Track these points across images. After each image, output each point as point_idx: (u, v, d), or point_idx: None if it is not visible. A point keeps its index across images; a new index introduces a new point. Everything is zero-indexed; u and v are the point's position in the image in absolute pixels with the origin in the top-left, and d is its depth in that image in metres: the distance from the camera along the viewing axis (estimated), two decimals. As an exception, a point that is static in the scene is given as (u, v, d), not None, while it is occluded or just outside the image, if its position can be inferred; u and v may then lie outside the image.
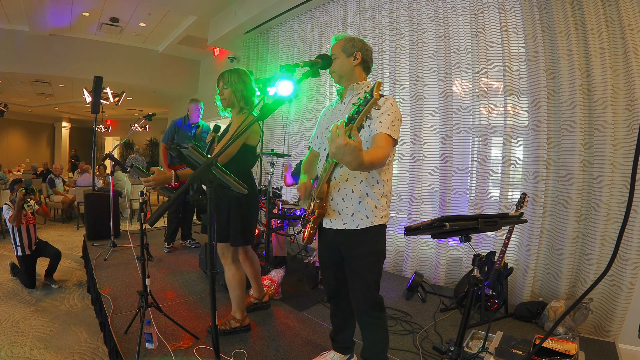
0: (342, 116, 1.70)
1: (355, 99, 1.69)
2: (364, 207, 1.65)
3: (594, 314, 2.46)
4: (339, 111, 1.78)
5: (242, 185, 1.55)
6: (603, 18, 2.51)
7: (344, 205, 1.67)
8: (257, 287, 2.63)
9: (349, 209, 1.66)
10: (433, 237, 1.38)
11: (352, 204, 1.66)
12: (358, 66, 1.74)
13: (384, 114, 1.57)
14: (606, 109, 2.46)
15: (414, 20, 3.57)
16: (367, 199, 1.65)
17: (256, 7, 5.12)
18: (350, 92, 1.75)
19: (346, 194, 1.67)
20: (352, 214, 1.66)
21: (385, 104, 1.59)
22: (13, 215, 3.47)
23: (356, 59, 1.73)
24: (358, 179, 1.66)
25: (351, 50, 1.72)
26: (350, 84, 1.75)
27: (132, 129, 4.57)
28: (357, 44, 1.73)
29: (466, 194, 3.26)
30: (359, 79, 1.76)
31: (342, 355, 1.95)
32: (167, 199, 1.79)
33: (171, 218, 4.22)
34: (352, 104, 1.40)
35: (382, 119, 1.56)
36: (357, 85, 1.74)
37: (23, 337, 2.62)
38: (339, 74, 1.74)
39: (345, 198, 1.67)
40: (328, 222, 1.72)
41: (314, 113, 4.71)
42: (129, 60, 7.80)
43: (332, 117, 1.81)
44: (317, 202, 1.69)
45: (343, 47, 1.72)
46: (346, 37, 1.75)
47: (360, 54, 1.73)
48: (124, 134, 12.63)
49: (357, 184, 1.66)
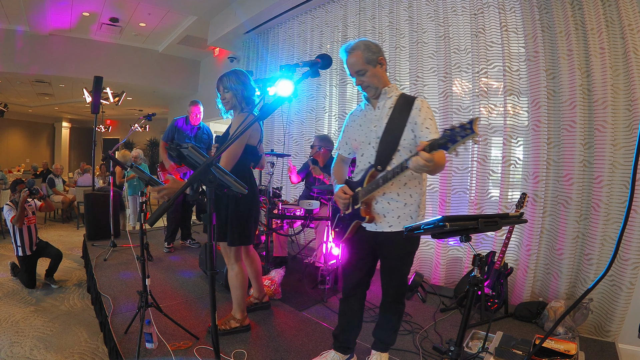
0: (380, 122, 1.72)
1: (389, 102, 1.72)
2: (408, 209, 1.71)
3: (594, 314, 2.46)
4: (374, 117, 1.76)
5: (242, 185, 1.55)
6: (603, 18, 2.51)
7: (389, 208, 1.71)
8: (258, 287, 2.63)
9: (395, 212, 1.71)
10: (433, 237, 1.40)
11: (397, 206, 1.71)
12: (385, 71, 1.75)
13: (426, 119, 1.64)
14: (606, 109, 2.46)
15: (414, 20, 3.57)
16: (410, 200, 1.71)
17: (256, 7, 5.12)
18: (383, 97, 1.74)
19: (392, 197, 1.71)
20: (398, 217, 1.70)
21: (423, 107, 1.65)
22: (16, 216, 3.47)
23: (382, 65, 1.72)
24: (402, 182, 1.69)
25: (374, 57, 1.68)
26: (382, 89, 1.75)
27: (132, 129, 4.56)
28: (374, 48, 1.69)
29: (466, 194, 3.26)
30: (387, 83, 1.76)
31: (343, 355, 1.95)
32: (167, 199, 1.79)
33: (171, 218, 4.22)
34: (388, 109, 1.57)
35: (428, 125, 1.63)
36: (388, 89, 1.74)
37: (23, 337, 2.62)
38: (374, 87, 1.71)
39: (391, 201, 1.71)
40: (372, 225, 1.75)
41: (314, 113, 4.71)
42: (129, 60, 7.79)
43: (367, 123, 1.79)
44: (363, 208, 1.72)
45: (366, 59, 1.66)
46: (362, 46, 1.68)
47: (383, 57, 1.73)
48: (124, 134, 12.63)
49: (402, 187, 1.71)
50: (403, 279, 1.81)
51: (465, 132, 1.21)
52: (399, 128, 1.67)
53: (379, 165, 1.68)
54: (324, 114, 4.65)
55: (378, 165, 1.69)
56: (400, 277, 1.79)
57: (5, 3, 5.59)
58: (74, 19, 6.40)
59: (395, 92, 1.76)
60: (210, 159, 1.36)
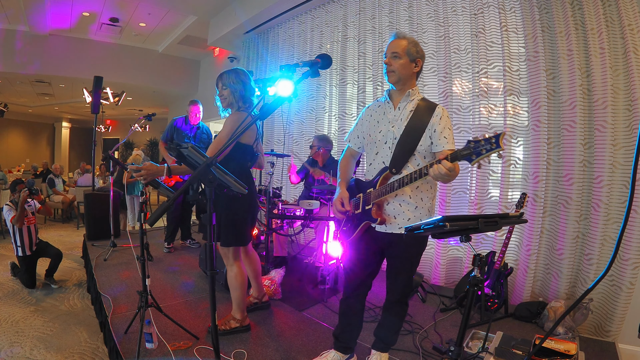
0: (399, 123, 1.72)
1: (410, 105, 1.73)
2: (419, 211, 1.72)
3: (594, 314, 2.46)
4: (392, 117, 1.76)
5: (242, 185, 1.55)
6: (603, 18, 2.51)
7: (400, 210, 1.72)
8: (257, 287, 2.63)
9: (406, 214, 1.71)
10: (433, 237, 1.40)
11: (409, 208, 1.71)
12: (416, 73, 1.75)
13: (445, 128, 1.66)
14: (606, 109, 2.46)
15: (414, 20, 3.57)
16: (421, 203, 1.72)
17: (256, 7, 5.12)
18: (406, 98, 1.74)
19: (403, 199, 1.71)
20: (408, 219, 1.71)
21: (443, 116, 1.67)
22: (16, 216, 3.47)
23: (417, 66, 1.72)
24: (415, 185, 1.69)
25: (415, 55, 1.70)
26: (405, 88, 1.74)
27: (132, 129, 4.56)
28: (420, 50, 1.72)
29: (466, 194, 3.26)
30: (413, 85, 1.76)
31: (343, 355, 1.95)
32: (166, 199, 1.79)
33: (170, 218, 4.22)
34: (408, 112, 1.64)
35: (446, 134, 1.65)
36: (412, 92, 1.74)
37: (23, 337, 2.62)
38: (399, 75, 1.71)
39: (402, 203, 1.72)
40: (382, 226, 1.75)
41: (314, 113, 4.71)
42: (129, 60, 7.79)
43: (385, 121, 1.78)
44: (375, 209, 1.73)
45: (408, 50, 1.68)
46: (411, 40, 1.71)
47: (421, 62, 1.73)
48: (124, 134, 12.62)
49: (414, 189, 1.71)
50: (409, 279, 1.82)
51: (490, 147, 1.23)
52: (417, 133, 1.68)
53: (394, 168, 1.69)
54: (324, 114, 4.65)
55: (393, 168, 1.69)
56: (407, 277, 1.81)
57: (5, 3, 5.59)
58: (74, 19, 6.41)
59: (418, 96, 1.76)
60: (210, 159, 1.36)
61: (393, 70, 1.70)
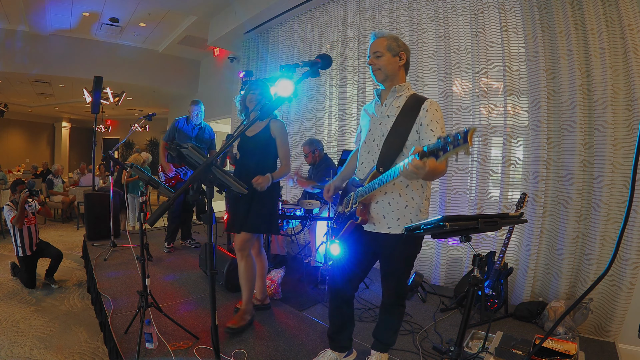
0: (386, 120, 1.71)
1: (397, 102, 1.71)
2: (409, 211, 1.68)
3: (594, 314, 2.46)
4: (380, 114, 1.75)
5: (241, 185, 1.55)
6: (603, 18, 2.51)
7: (389, 209, 1.68)
8: (261, 289, 2.64)
9: (395, 214, 1.68)
10: (433, 237, 1.39)
11: (398, 208, 1.68)
12: (402, 67, 1.73)
13: (432, 121, 1.59)
14: (606, 109, 2.46)
15: (414, 20, 3.57)
16: (412, 202, 1.68)
17: (256, 7, 5.12)
18: (393, 94, 1.73)
19: (392, 198, 1.68)
20: (397, 219, 1.68)
21: (430, 109, 1.61)
22: (16, 216, 3.47)
23: (401, 60, 1.71)
24: (404, 183, 1.67)
25: (397, 49, 1.69)
26: (393, 85, 1.73)
27: (132, 129, 4.56)
28: (401, 44, 1.71)
29: (466, 194, 3.26)
30: (400, 80, 1.74)
31: (340, 353, 1.95)
32: (167, 199, 1.79)
33: (172, 218, 4.22)
34: (394, 111, 1.60)
35: (433, 127, 1.58)
36: (399, 87, 1.72)
37: (23, 337, 2.62)
38: (385, 72, 1.70)
39: (392, 202, 1.68)
40: (371, 226, 1.73)
41: (314, 113, 4.71)
42: (129, 60, 7.79)
43: (374, 119, 1.78)
44: (359, 208, 1.70)
45: (388, 46, 1.68)
46: (390, 36, 1.71)
47: (405, 54, 1.72)
48: (124, 134, 12.62)
49: (404, 188, 1.68)
50: (402, 282, 1.78)
51: (457, 142, 1.11)
52: (405, 129, 1.63)
53: (382, 167, 1.64)
54: (324, 114, 4.65)
55: (380, 166, 1.64)
56: (398, 280, 1.77)
57: (5, 3, 5.59)
58: (74, 19, 6.41)
59: (407, 92, 1.73)
60: (210, 159, 1.36)
61: (379, 68, 1.70)
